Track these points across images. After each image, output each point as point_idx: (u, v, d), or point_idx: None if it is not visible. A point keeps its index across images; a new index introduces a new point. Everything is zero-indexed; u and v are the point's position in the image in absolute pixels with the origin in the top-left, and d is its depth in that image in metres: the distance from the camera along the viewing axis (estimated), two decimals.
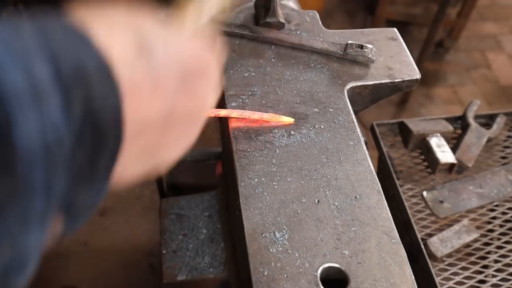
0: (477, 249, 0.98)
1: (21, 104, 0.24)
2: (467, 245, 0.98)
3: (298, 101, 0.74)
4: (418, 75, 0.81)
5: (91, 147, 0.28)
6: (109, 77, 0.28)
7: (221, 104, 0.77)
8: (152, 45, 0.33)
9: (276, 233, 0.58)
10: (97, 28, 0.30)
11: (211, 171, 1.26)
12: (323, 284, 0.54)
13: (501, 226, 1.03)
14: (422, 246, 0.93)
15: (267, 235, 0.58)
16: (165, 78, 0.33)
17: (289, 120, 0.71)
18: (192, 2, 0.44)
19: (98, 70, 0.28)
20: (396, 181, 1.04)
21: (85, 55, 0.28)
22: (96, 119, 0.27)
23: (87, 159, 0.28)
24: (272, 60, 0.81)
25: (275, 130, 0.70)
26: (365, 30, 0.89)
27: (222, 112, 0.70)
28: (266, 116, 0.70)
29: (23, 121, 0.23)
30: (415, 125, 1.12)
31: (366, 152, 0.69)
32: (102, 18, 0.32)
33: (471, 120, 1.17)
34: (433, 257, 0.94)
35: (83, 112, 0.27)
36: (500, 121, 1.18)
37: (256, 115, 0.70)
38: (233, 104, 0.73)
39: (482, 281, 0.93)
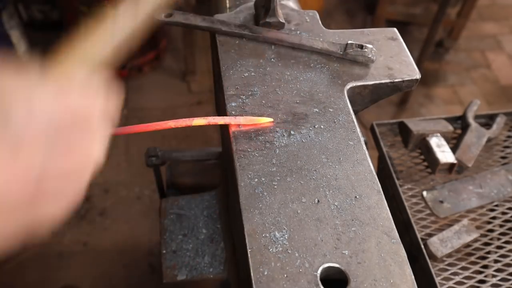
0: (477, 249, 0.98)
1: None
2: (467, 245, 0.98)
3: (298, 101, 0.74)
4: (418, 75, 0.81)
5: None
6: None
7: (222, 104, 0.77)
8: (10, 109, 0.31)
9: (276, 233, 0.58)
10: None
11: (211, 171, 1.26)
12: (323, 284, 0.54)
13: (501, 226, 1.03)
14: (422, 246, 0.93)
15: (267, 235, 0.58)
16: (28, 141, 0.32)
17: (267, 120, 0.70)
18: (78, 49, 0.41)
19: None
20: (396, 181, 1.04)
21: None
22: None
23: None
24: (272, 60, 0.81)
25: (275, 130, 0.70)
26: (365, 30, 0.89)
27: (184, 123, 0.66)
28: (241, 120, 0.69)
29: None
30: (415, 125, 1.12)
31: (366, 152, 0.69)
32: None
33: (471, 120, 1.17)
34: (433, 257, 0.94)
35: None
36: (500, 121, 1.18)
37: (225, 120, 0.68)
38: (233, 104, 0.73)
39: (482, 281, 0.93)
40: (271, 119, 0.70)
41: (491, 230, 1.02)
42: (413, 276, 0.56)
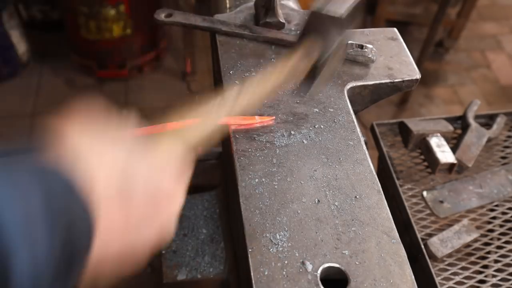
0: (477, 249, 0.98)
1: (17, 240, 0.30)
2: (467, 245, 0.98)
3: (298, 101, 0.74)
4: (418, 75, 0.81)
5: (66, 266, 0.35)
6: (89, 225, 0.36)
7: None
8: (133, 184, 0.40)
9: (276, 233, 0.58)
10: (87, 163, 0.37)
11: (211, 171, 1.26)
12: (323, 284, 0.54)
13: (501, 226, 1.03)
14: (422, 246, 0.93)
15: (267, 235, 0.58)
16: (136, 207, 0.41)
17: (252, 120, 0.70)
18: (173, 132, 0.50)
19: (81, 218, 0.36)
20: (396, 181, 1.04)
21: (71, 205, 0.35)
22: (72, 249, 0.35)
23: (63, 275, 0.35)
24: (272, 60, 0.81)
25: (275, 130, 0.70)
26: (365, 30, 0.89)
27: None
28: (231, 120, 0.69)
29: (19, 256, 0.30)
30: (415, 125, 1.12)
31: (366, 152, 0.69)
32: (94, 148, 0.39)
33: (471, 120, 1.17)
34: (433, 257, 0.94)
35: (63, 243, 0.34)
36: (500, 121, 1.18)
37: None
38: None
39: (482, 281, 0.93)
40: (256, 117, 0.70)
41: (491, 230, 1.02)
42: (413, 276, 0.56)
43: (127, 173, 0.40)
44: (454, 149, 1.11)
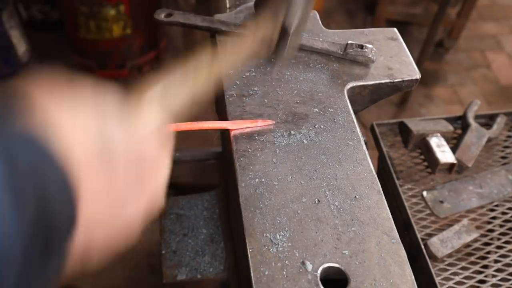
0: (477, 249, 0.98)
1: None
2: (467, 245, 0.98)
3: (298, 101, 0.74)
4: (418, 75, 0.81)
5: (42, 244, 0.31)
6: (67, 188, 0.32)
7: (222, 103, 0.77)
8: (114, 151, 0.37)
9: (276, 233, 0.58)
10: (60, 127, 0.33)
11: (211, 171, 1.26)
12: (323, 284, 0.54)
13: (501, 226, 1.03)
14: (422, 246, 0.93)
15: (267, 235, 0.58)
16: (120, 175, 0.38)
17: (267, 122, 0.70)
18: (154, 96, 0.46)
19: (57, 183, 0.32)
20: (396, 181, 1.04)
21: (46, 169, 0.31)
22: (50, 223, 0.31)
23: (38, 254, 0.31)
24: (272, 60, 0.81)
25: (275, 130, 0.70)
26: (365, 30, 0.89)
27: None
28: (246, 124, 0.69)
29: None
30: (415, 125, 1.12)
31: (366, 152, 0.69)
32: (66, 111, 0.35)
33: (471, 120, 1.17)
34: (433, 257, 0.94)
35: (36, 216, 0.30)
36: (500, 121, 1.18)
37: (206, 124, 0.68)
38: (233, 104, 0.73)
39: (482, 281, 0.93)
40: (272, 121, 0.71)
41: (491, 230, 1.02)
42: (413, 276, 0.56)
43: (106, 139, 0.36)
44: (454, 149, 1.11)
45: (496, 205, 1.05)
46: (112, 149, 0.37)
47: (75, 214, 0.33)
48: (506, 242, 0.99)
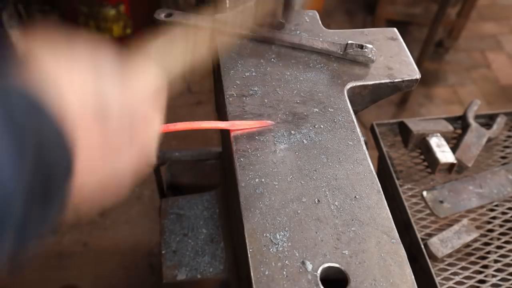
0: (477, 249, 0.98)
1: None
2: (467, 245, 0.98)
3: (298, 101, 0.74)
4: (418, 75, 0.81)
5: (41, 191, 0.32)
6: (63, 138, 0.34)
7: (222, 103, 0.77)
8: (108, 106, 0.38)
9: (276, 233, 0.58)
10: (56, 82, 0.34)
11: (211, 171, 1.26)
12: (323, 284, 0.54)
13: (501, 226, 1.03)
14: (422, 246, 0.93)
15: (267, 235, 0.58)
16: (113, 128, 0.39)
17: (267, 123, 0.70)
18: (152, 55, 0.48)
19: (53, 133, 0.33)
20: (396, 181, 1.04)
21: (42, 120, 0.32)
22: (49, 171, 0.32)
23: (38, 201, 0.32)
24: (272, 60, 0.81)
25: (275, 130, 0.70)
26: (365, 30, 0.89)
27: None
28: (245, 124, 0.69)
29: None
30: (415, 125, 1.12)
31: (366, 152, 0.69)
32: (63, 67, 0.37)
33: (471, 120, 1.17)
34: (433, 257, 0.94)
35: (35, 164, 0.31)
36: (500, 121, 1.18)
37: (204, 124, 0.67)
38: (233, 104, 0.72)
39: (482, 281, 0.93)
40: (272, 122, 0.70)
41: (491, 230, 1.02)
42: (413, 276, 0.56)
43: (101, 93, 0.38)
44: (454, 149, 1.11)
45: (496, 205, 1.05)
46: (106, 103, 0.38)
47: (72, 162, 0.34)
48: (506, 242, 0.99)
